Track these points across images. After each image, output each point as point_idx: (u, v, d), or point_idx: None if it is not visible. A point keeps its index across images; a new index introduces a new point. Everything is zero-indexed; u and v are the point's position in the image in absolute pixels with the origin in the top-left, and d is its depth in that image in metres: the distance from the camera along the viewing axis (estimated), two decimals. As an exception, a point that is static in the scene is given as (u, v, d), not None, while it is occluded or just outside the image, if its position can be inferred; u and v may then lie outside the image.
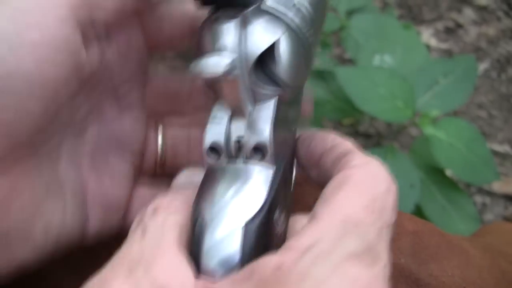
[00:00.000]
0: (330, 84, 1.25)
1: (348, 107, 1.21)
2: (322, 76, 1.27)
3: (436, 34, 2.21)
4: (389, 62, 1.38)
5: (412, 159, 1.18)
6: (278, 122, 0.29)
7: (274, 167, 0.29)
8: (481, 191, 1.70)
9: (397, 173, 1.07)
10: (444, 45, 2.15)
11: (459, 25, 2.27)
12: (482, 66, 2.08)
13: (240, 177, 0.28)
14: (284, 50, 0.28)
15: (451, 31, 2.24)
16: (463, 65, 1.34)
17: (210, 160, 0.30)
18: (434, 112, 1.18)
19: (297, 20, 0.29)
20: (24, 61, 0.26)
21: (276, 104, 0.29)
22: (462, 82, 1.30)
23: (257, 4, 0.28)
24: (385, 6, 2.32)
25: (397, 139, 1.77)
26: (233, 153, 0.30)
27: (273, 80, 0.29)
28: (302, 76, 0.31)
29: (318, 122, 1.24)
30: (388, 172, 0.30)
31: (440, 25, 2.25)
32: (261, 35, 0.28)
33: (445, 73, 1.32)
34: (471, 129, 1.18)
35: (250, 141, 0.29)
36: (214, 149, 0.30)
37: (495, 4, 2.40)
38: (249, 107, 0.29)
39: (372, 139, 1.79)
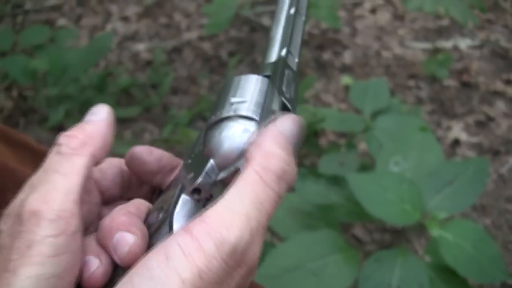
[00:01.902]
0: (343, 189, 1.40)
1: (361, 211, 1.34)
2: (336, 181, 1.42)
3: (467, 128, 2.33)
4: (403, 165, 1.52)
5: (424, 259, 1.29)
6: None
7: None
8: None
9: (407, 272, 1.20)
10: (474, 139, 2.26)
11: (490, 118, 2.39)
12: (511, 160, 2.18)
13: None
14: None
15: (482, 125, 2.36)
16: (475, 167, 1.46)
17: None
18: (442, 214, 1.29)
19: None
20: None
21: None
22: (473, 184, 1.41)
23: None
24: (418, 101, 2.47)
25: (409, 239, 1.87)
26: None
27: None
28: None
29: (334, 226, 1.37)
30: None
31: (471, 119, 2.37)
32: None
33: (457, 175, 1.44)
34: (478, 230, 1.29)
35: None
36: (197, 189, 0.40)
37: (528, 95, 2.52)
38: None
39: (385, 236, 1.89)
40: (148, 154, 0.45)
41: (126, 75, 2.60)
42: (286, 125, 0.38)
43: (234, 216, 0.33)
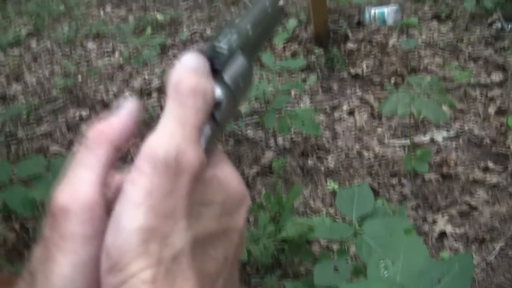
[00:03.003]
0: (340, 299, 1.52)
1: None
2: (332, 292, 1.55)
3: (451, 220, 2.48)
4: (392, 269, 1.66)
5: None
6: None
7: None
8: None
9: None
10: (459, 230, 2.41)
11: (473, 208, 2.55)
12: (498, 246, 2.32)
13: None
14: (225, 104, 0.46)
15: (466, 215, 2.52)
16: (460, 263, 1.60)
17: None
18: (431, 315, 1.42)
19: (238, 86, 0.48)
20: None
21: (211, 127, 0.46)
22: (460, 280, 1.55)
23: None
24: (402, 198, 2.63)
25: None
26: None
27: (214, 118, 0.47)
28: (230, 118, 0.50)
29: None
30: None
31: (454, 211, 2.53)
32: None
33: (444, 273, 1.57)
34: (467, 326, 1.41)
35: None
36: None
37: (506, 181, 2.70)
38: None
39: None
40: None
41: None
42: (188, 59, 0.43)
43: (160, 137, 0.39)
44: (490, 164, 2.81)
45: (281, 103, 2.90)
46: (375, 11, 4.44)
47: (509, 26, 4.15)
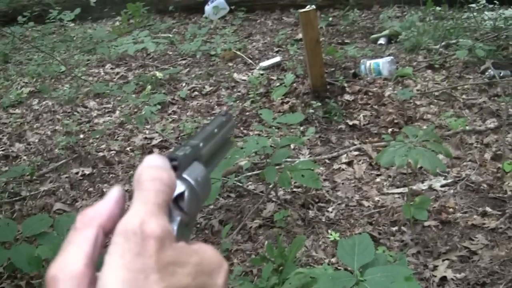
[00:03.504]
0: None
1: None
2: None
3: (452, 265, 2.55)
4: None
5: None
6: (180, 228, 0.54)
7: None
8: None
9: None
10: (460, 275, 2.48)
11: (472, 252, 2.62)
12: (499, 290, 2.38)
13: None
14: (187, 195, 0.55)
15: (466, 259, 2.59)
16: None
17: None
18: None
19: (198, 183, 0.58)
20: None
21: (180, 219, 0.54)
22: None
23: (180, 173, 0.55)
24: (403, 246, 2.70)
25: None
26: None
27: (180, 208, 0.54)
28: (195, 209, 0.57)
29: None
30: None
31: (454, 256, 2.60)
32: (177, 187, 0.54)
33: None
34: None
35: None
36: None
37: (504, 225, 2.77)
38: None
39: None
40: None
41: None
42: (149, 158, 0.55)
43: (127, 216, 0.48)
44: (488, 209, 2.90)
45: (280, 157, 3.01)
46: (370, 63, 4.60)
47: (501, 74, 4.29)
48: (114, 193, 0.54)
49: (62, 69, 5.79)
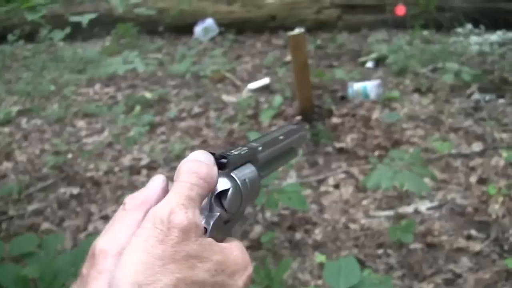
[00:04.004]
0: None
1: None
2: None
3: (437, 287, 2.59)
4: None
5: None
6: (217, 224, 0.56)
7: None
8: None
9: None
10: (445, 299, 2.51)
11: (457, 275, 2.66)
12: (484, 315, 2.42)
13: None
14: (230, 193, 0.57)
15: (451, 282, 2.62)
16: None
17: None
18: None
19: (245, 184, 0.60)
20: None
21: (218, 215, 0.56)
22: None
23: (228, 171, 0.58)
24: (388, 268, 2.74)
25: None
26: None
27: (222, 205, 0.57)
28: (237, 209, 0.58)
29: None
30: None
31: (439, 279, 2.64)
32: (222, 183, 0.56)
33: None
34: None
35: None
36: None
37: (489, 248, 2.82)
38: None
39: None
40: None
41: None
42: (193, 153, 0.59)
43: (159, 204, 0.52)
44: (473, 232, 2.94)
45: (268, 180, 3.04)
46: (358, 86, 4.67)
47: (486, 98, 4.38)
48: (159, 180, 0.58)
49: (51, 88, 5.82)
